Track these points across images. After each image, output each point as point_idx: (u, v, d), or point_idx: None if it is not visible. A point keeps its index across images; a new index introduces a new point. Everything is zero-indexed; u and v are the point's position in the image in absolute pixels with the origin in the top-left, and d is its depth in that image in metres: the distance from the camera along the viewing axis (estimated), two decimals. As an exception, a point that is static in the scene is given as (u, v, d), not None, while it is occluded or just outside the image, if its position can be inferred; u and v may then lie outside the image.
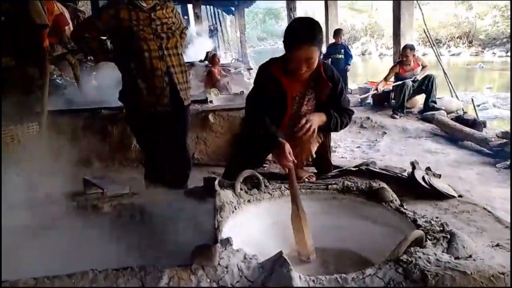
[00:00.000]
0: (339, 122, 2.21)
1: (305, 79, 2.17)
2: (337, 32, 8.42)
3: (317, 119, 2.10)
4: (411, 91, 6.86)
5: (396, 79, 7.12)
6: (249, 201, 1.88)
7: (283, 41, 2.11)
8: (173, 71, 2.56)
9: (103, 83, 5.28)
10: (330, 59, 8.14)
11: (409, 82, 6.84)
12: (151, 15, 2.48)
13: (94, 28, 2.44)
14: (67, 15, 5.91)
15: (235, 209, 1.78)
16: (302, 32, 2.02)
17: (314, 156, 2.39)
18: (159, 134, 2.65)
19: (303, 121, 2.05)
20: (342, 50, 8.30)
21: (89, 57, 5.42)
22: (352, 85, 9.63)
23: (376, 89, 7.34)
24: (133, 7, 2.44)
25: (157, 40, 2.48)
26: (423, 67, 7.09)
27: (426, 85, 6.81)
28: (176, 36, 2.60)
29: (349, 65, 8.46)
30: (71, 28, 6.19)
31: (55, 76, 5.30)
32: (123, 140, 4.25)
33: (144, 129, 2.65)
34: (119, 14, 2.41)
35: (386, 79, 7.25)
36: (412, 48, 6.98)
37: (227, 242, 1.31)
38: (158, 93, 2.53)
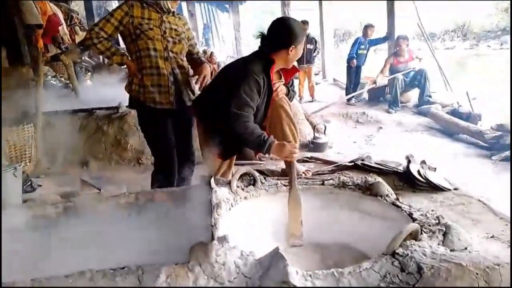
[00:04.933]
0: (292, 95, 2.66)
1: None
2: (368, 27, 7.85)
3: (283, 87, 2.53)
4: (403, 85, 6.91)
5: (391, 71, 7.15)
6: (245, 198, 1.89)
7: (281, 42, 2.25)
8: (177, 72, 2.63)
9: (97, 83, 5.27)
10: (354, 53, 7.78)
11: (399, 75, 6.89)
12: (163, 17, 2.55)
13: (109, 25, 2.48)
14: (60, 15, 5.89)
15: (232, 206, 1.79)
16: (300, 31, 2.27)
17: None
18: (167, 131, 2.69)
19: (277, 85, 2.45)
20: (368, 46, 7.85)
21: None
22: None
23: (374, 82, 7.34)
24: (147, 5, 2.51)
25: (164, 41, 2.54)
26: (420, 59, 7.13)
27: (419, 80, 6.88)
28: (183, 44, 2.66)
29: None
30: (65, 29, 6.18)
31: (49, 76, 5.28)
32: (119, 140, 4.24)
33: (152, 126, 2.69)
34: (132, 11, 2.48)
35: (382, 71, 7.27)
36: (405, 38, 7.02)
37: (224, 239, 1.31)
38: (164, 91, 2.58)
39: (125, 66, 2.65)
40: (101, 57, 6.57)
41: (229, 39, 19.22)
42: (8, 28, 4.73)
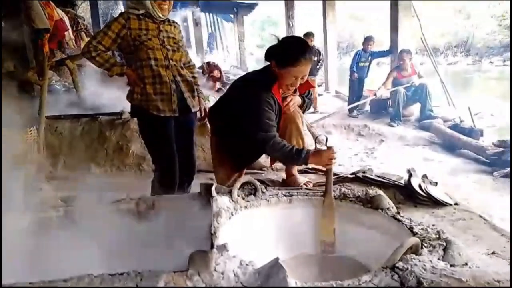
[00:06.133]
0: (308, 105, 2.68)
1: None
2: (367, 39, 8.03)
3: (298, 99, 2.53)
4: (405, 98, 6.93)
5: (394, 85, 7.18)
6: (246, 207, 1.89)
7: (279, 60, 2.24)
8: (179, 79, 2.64)
9: (101, 88, 5.29)
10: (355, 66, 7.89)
11: (401, 89, 6.92)
12: (160, 27, 2.57)
13: (107, 38, 2.49)
14: (66, 20, 5.95)
15: (232, 215, 1.79)
16: (301, 51, 2.19)
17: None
18: (169, 138, 2.69)
19: (289, 99, 2.44)
20: (370, 58, 7.97)
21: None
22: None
23: (375, 95, 7.35)
24: (143, 17, 2.52)
25: (164, 50, 2.56)
26: (420, 77, 7.17)
27: (419, 95, 6.90)
28: (182, 52, 2.68)
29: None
30: (70, 34, 6.23)
31: (54, 81, 5.31)
32: (121, 146, 4.25)
33: (155, 133, 2.68)
34: (129, 23, 2.49)
35: (385, 84, 7.30)
36: (408, 52, 7.06)
37: (224, 248, 1.31)
38: (167, 99, 2.59)
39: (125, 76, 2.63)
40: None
41: (233, 49, 19.33)
42: (15, 32, 4.77)
